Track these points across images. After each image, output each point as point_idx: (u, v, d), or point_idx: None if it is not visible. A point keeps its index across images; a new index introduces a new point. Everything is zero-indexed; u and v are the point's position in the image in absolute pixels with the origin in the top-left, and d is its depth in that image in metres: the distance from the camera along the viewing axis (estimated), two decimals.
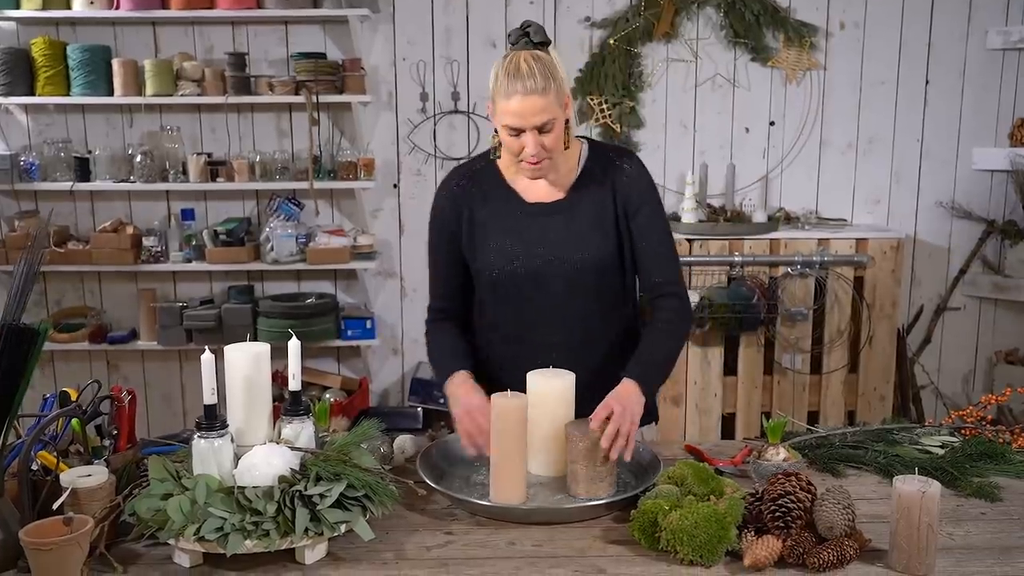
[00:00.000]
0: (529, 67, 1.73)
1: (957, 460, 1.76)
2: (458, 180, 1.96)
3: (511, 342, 1.93)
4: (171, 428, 3.78)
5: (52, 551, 1.30)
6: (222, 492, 1.41)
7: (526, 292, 1.89)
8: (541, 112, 1.74)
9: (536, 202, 1.91)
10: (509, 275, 1.89)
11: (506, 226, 1.90)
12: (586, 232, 1.88)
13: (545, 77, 1.73)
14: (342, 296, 4.23)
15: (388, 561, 1.42)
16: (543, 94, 1.73)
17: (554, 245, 1.88)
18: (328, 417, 1.77)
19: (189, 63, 3.86)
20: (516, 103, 1.73)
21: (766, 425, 1.70)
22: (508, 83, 1.74)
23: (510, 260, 1.88)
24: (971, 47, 4.02)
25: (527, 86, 1.72)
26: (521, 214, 1.90)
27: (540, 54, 1.77)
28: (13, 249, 3.88)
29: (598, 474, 1.61)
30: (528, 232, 1.89)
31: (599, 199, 1.90)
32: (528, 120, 1.74)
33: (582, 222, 1.89)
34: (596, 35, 4.02)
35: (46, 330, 1.46)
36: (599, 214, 1.89)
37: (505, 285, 1.90)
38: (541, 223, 1.89)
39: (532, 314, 1.90)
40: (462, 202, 1.93)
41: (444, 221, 1.95)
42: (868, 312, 3.78)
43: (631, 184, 1.90)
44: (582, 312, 1.90)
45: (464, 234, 1.93)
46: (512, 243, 1.89)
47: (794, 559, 1.38)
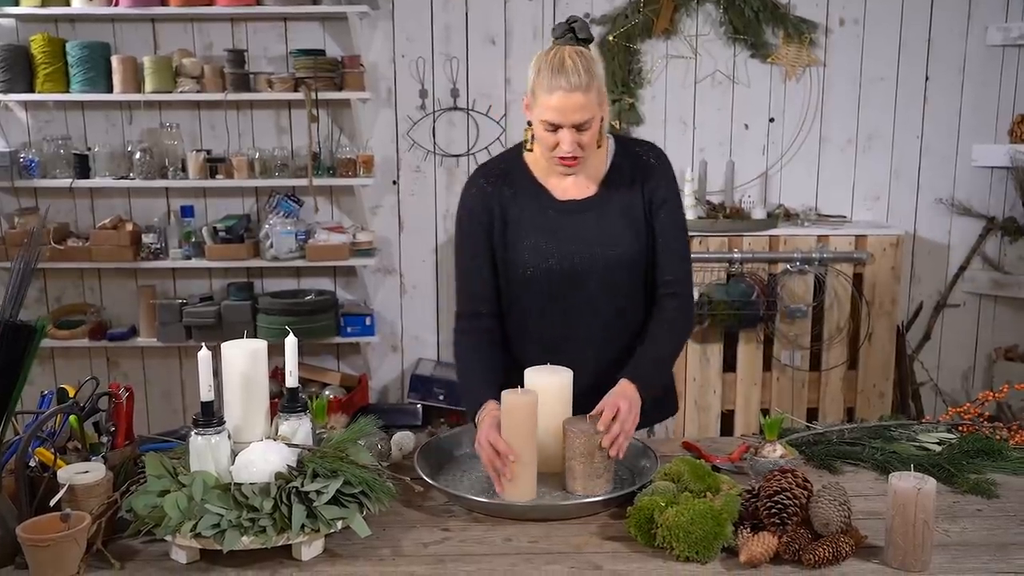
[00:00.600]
0: (573, 63, 1.71)
1: (954, 457, 1.76)
2: (486, 179, 1.93)
3: (544, 340, 1.90)
4: (171, 424, 3.79)
5: (49, 547, 1.31)
6: (219, 489, 1.41)
7: (560, 290, 1.88)
8: (581, 110, 1.72)
9: (568, 199, 1.89)
10: (544, 273, 1.87)
11: (539, 224, 1.88)
12: (618, 228, 1.87)
13: (588, 74, 1.72)
14: (341, 293, 4.23)
15: (385, 557, 1.42)
16: (585, 92, 1.71)
17: (587, 242, 1.86)
18: (326, 414, 1.77)
19: (188, 60, 3.86)
20: (558, 99, 1.71)
21: (763, 422, 1.70)
22: (551, 78, 1.71)
23: (545, 258, 1.86)
24: (971, 43, 4.02)
25: (571, 82, 1.70)
26: (553, 211, 1.88)
27: (584, 51, 1.75)
28: (13, 246, 3.88)
29: (595, 471, 1.61)
30: (562, 230, 1.87)
31: (628, 194, 1.89)
32: (568, 117, 1.73)
33: (613, 218, 1.88)
34: (595, 32, 4.01)
35: (43, 327, 1.46)
36: (629, 210, 1.88)
37: (539, 283, 1.88)
38: (574, 220, 1.88)
39: (566, 311, 1.89)
40: (493, 201, 1.90)
41: (476, 221, 1.91)
42: (867, 309, 3.78)
43: (657, 179, 1.90)
44: (614, 308, 1.89)
45: (496, 233, 1.90)
46: (546, 241, 1.87)
47: (790, 555, 1.38)
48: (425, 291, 4.26)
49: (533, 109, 1.78)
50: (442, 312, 4.27)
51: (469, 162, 4.13)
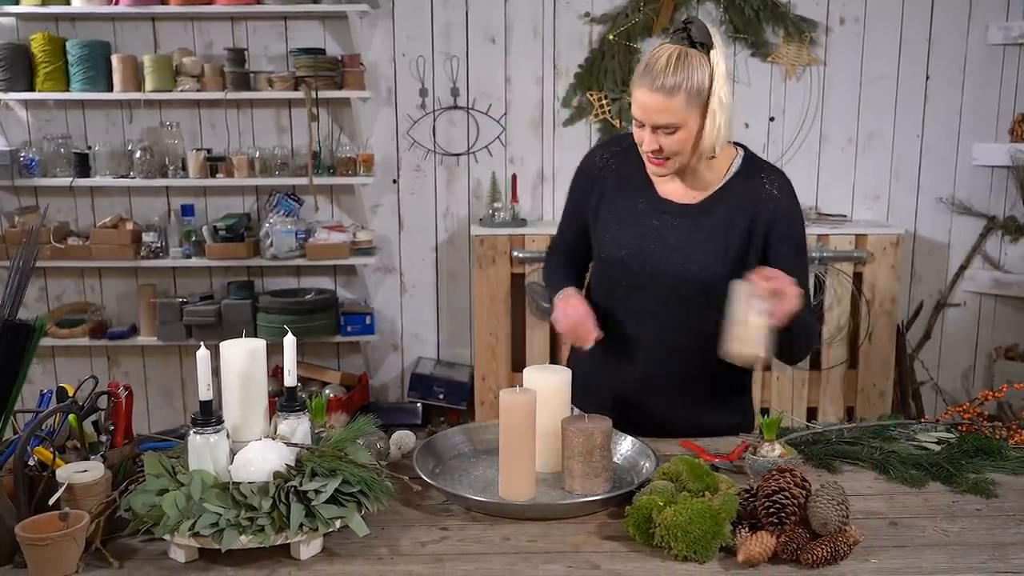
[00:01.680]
0: (668, 63, 1.67)
1: (953, 456, 1.76)
2: (605, 152, 1.94)
3: (603, 326, 1.85)
4: (171, 423, 3.80)
5: (48, 546, 1.31)
6: (217, 488, 1.41)
7: (624, 281, 1.87)
8: (662, 112, 1.68)
9: (667, 199, 1.85)
10: (614, 261, 1.87)
11: (628, 214, 1.86)
12: (708, 244, 1.81)
13: (681, 78, 1.66)
14: (341, 292, 4.23)
15: (383, 556, 1.42)
16: (669, 94, 1.66)
17: (665, 247, 1.82)
18: (325, 413, 1.77)
19: (188, 59, 3.86)
20: (642, 95, 1.70)
21: (762, 421, 1.70)
22: (642, 73, 1.70)
23: (620, 248, 1.86)
24: (971, 42, 4.02)
25: (655, 83, 1.67)
26: (647, 207, 1.85)
27: (690, 52, 1.68)
28: (13, 245, 3.89)
29: (593, 470, 1.61)
30: (648, 226, 1.84)
31: (734, 214, 1.81)
32: (649, 116, 1.70)
33: (709, 233, 1.81)
34: (596, 30, 4.01)
35: (42, 326, 1.46)
36: (727, 230, 1.81)
37: (609, 269, 1.89)
38: (663, 221, 1.84)
39: (626, 305, 1.88)
40: (599, 175, 1.92)
41: (577, 188, 1.97)
42: (868, 308, 3.78)
43: (777, 209, 1.82)
44: (675, 320, 1.84)
45: (592, 208, 1.92)
46: (628, 232, 1.85)
47: (788, 555, 1.38)
48: (425, 290, 4.26)
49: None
50: (442, 311, 4.27)
51: (469, 161, 4.13)
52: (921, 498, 1.63)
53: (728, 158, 1.85)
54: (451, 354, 4.31)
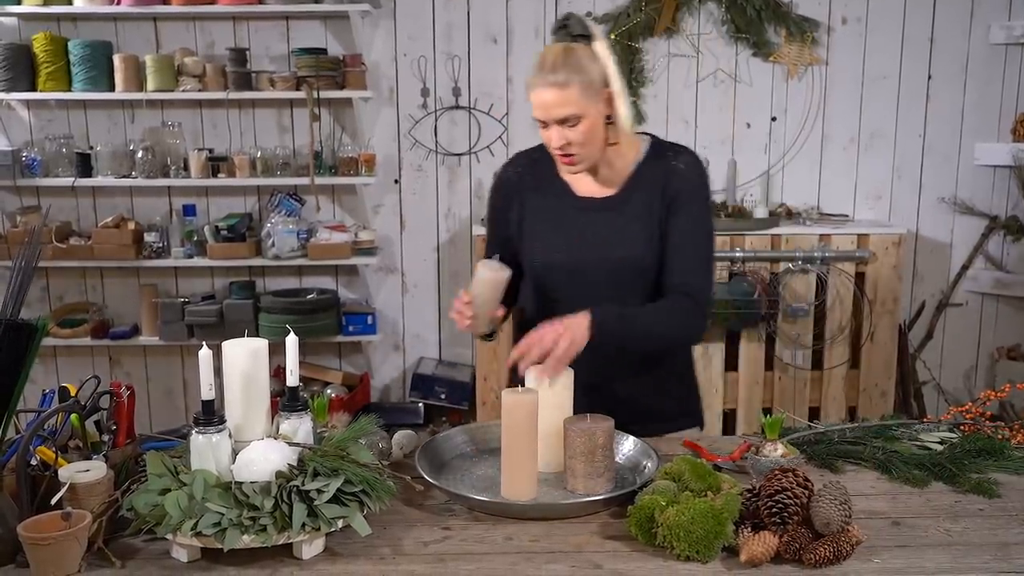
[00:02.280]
0: (555, 60, 1.72)
1: (956, 456, 1.75)
2: (515, 167, 1.97)
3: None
4: (173, 423, 3.79)
5: (50, 546, 1.31)
6: (220, 487, 1.41)
7: (564, 286, 1.89)
8: (561, 105, 1.72)
9: (587, 196, 1.89)
10: (549, 267, 1.89)
11: (553, 218, 1.89)
12: (633, 230, 1.86)
13: (570, 71, 1.71)
14: (343, 292, 4.23)
15: (385, 556, 1.42)
16: (562, 88, 1.71)
17: (597, 241, 1.86)
18: (327, 413, 1.77)
19: (190, 59, 3.86)
20: (537, 95, 1.74)
21: (764, 421, 1.70)
22: (534, 75, 1.74)
23: (551, 252, 1.88)
24: (974, 42, 4.01)
25: (547, 79, 1.72)
26: (570, 208, 1.89)
27: (575, 47, 1.74)
28: (15, 244, 3.89)
29: (596, 470, 1.61)
30: (573, 226, 1.88)
31: (650, 198, 1.86)
32: (549, 112, 1.74)
33: (630, 220, 1.86)
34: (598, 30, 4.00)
35: (44, 326, 1.46)
36: (648, 213, 1.86)
37: (545, 277, 1.91)
38: (588, 218, 1.87)
39: (570, 308, 1.84)
40: (515, 190, 1.94)
41: (496, 205, 1.99)
42: (870, 308, 3.77)
43: (681, 181, 1.86)
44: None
45: (513, 222, 1.95)
46: (556, 236, 1.88)
47: (790, 555, 1.38)
48: (427, 290, 4.26)
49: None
50: (443, 311, 4.27)
51: (471, 161, 4.13)
52: (924, 498, 1.63)
53: (636, 146, 1.90)
54: (453, 354, 4.31)
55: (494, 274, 1.80)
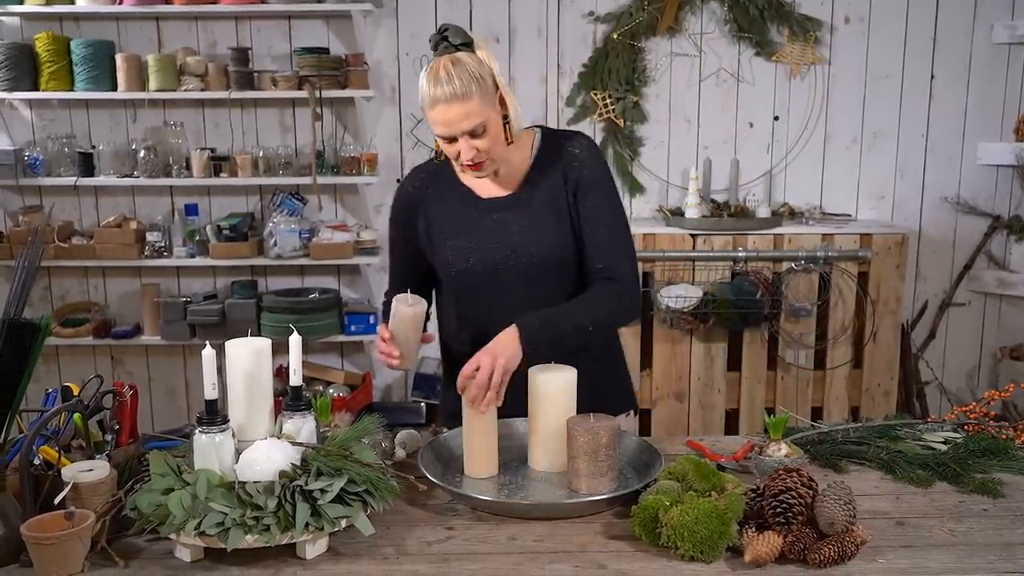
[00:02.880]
0: (447, 73, 1.69)
1: (960, 456, 1.75)
2: (413, 182, 1.96)
3: (476, 340, 1.84)
4: (175, 423, 3.78)
5: (53, 545, 1.31)
6: (223, 487, 1.41)
7: (485, 289, 1.88)
8: (466, 118, 1.71)
9: (490, 197, 1.89)
10: (466, 273, 1.88)
11: (461, 224, 1.89)
12: (542, 224, 1.86)
13: (465, 81, 1.69)
14: (345, 291, 4.23)
15: (389, 556, 1.42)
16: (464, 100, 1.69)
17: (510, 240, 1.86)
18: (330, 412, 1.77)
19: (192, 58, 3.86)
20: (440, 112, 1.71)
21: (768, 421, 1.70)
22: (430, 92, 1.71)
23: (466, 258, 1.87)
24: (976, 41, 4.01)
25: (447, 93, 1.69)
26: (476, 211, 1.88)
27: (460, 57, 1.71)
28: (17, 244, 3.90)
29: (599, 469, 1.61)
30: (483, 228, 1.87)
31: (552, 188, 1.86)
32: (455, 127, 1.72)
33: (538, 214, 1.86)
34: (600, 30, 4.01)
35: (47, 325, 1.46)
36: (554, 203, 1.86)
37: (464, 283, 1.90)
38: (496, 218, 1.87)
39: (494, 310, 1.86)
40: (417, 202, 1.93)
41: (399, 221, 1.96)
42: (872, 308, 3.77)
43: (581, 167, 1.86)
44: (544, 305, 1.83)
45: (422, 234, 1.93)
46: (467, 241, 1.87)
47: (795, 555, 1.38)
48: None
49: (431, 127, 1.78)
50: None
51: None
52: (928, 498, 1.63)
53: (529, 139, 1.91)
54: None
55: (412, 308, 1.78)
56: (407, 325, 1.79)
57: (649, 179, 4.12)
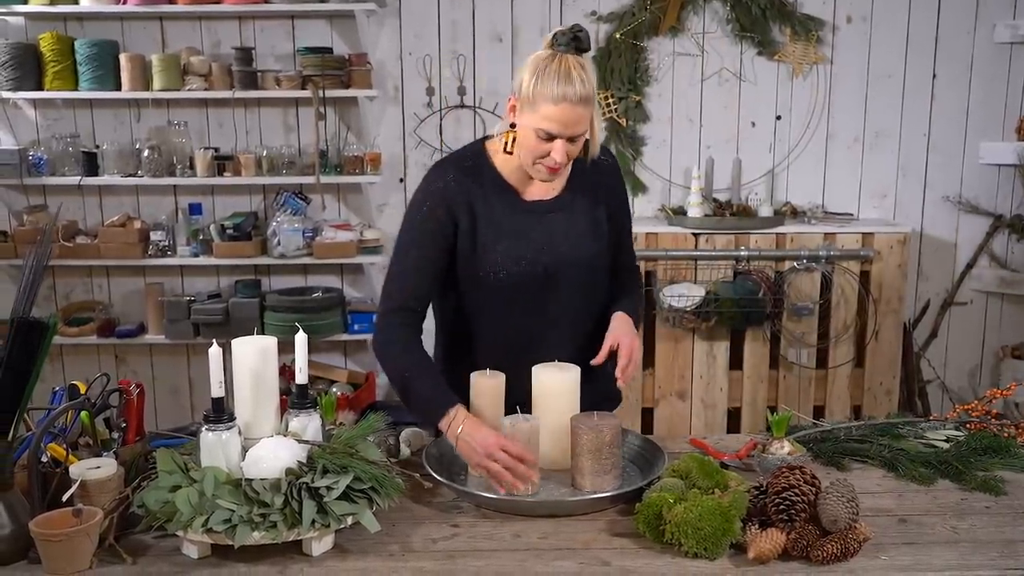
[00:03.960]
0: (580, 75, 1.67)
1: (962, 454, 1.76)
2: (452, 176, 1.84)
3: (511, 341, 1.87)
4: (178, 421, 3.81)
5: (62, 542, 1.32)
6: (230, 484, 1.42)
7: (533, 292, 1.86)
8: (580, 122, 1.70)
9: (534, 200, 1.87)
10: (515, 276, 1.83)
11: (509, 226, 1.84)
12: (582, 228, 1.90)
13: (592, 87, 1.70)
14: (348, 290, 4.24)
15: (394, 553, 1.43)
16: (587, 104, 1.69)
17: (555, 243, 1.86)
18: (334, 411, 1.78)
19: (196, 58, 3.87)
20: (562, 111, 1.67)
21: (771, 419, 1.71)
22: (558, 87, 1.66)
23: (516, 261, 1.82)
24: (978, 40, 4.01)
25: (578, 95, 1.67)
26: (522, 213, 1.85)
27: (585, 62, 1.71)
28: (22, 243, 3.91)
29: (603, 467, 1.62)
30: (533, 231, 1.85)
31: (590, 195, 1.92)
32: (569, 128, 1.69)
33: (579, 218, 1.90)
34: (602, 29, 4.01)
35: (55, 324, 1.47)
36: (592, 210, 1.92)
37: (510, 286, 1.83)
38: (543, 221, 1.86)
39: (535, 313, 1.87)
40: (460, 198, 1.82)
41: (435, 218, 1.82)
42: (874, 307, 3.77)
43: (611, 175, 1.97)
44: (577, 307, 1.90)
45: (464, 234, 1.83)
46: (518, 243, 1.83)
47: (798, 552, 1.39)
48: None
49: (526, 114, 1.72)
50: None
51: None
52: (930, 496, 1.64)
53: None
54: None
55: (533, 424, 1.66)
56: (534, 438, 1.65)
57: (651, 178, 4.12)
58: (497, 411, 1.71)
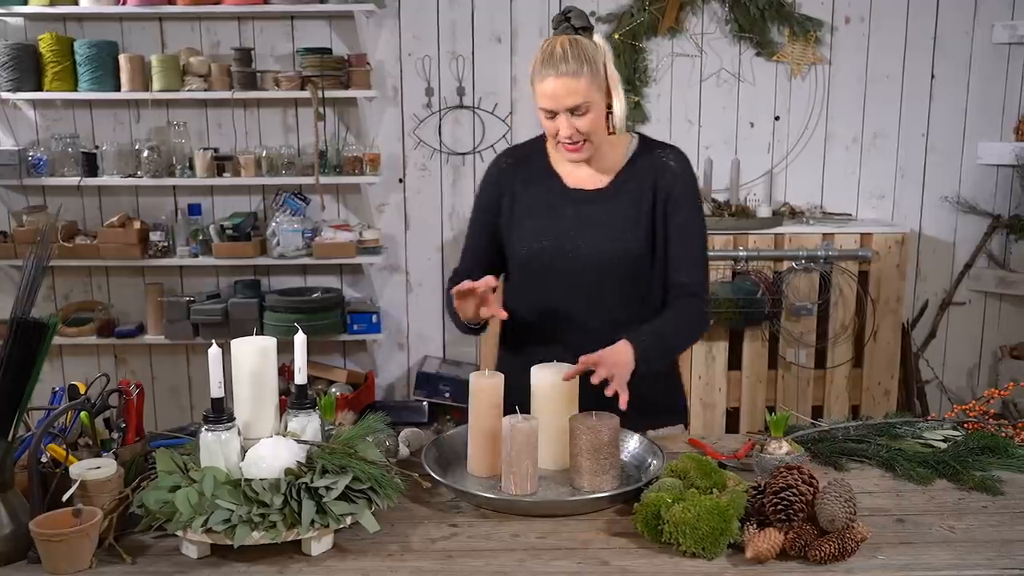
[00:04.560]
0: (563, 50, 1.76)
1: (959, 454, 1.76)
2: (505, 159, 2.02)
3: (538, 323, 1.95)
4: (178, 422, 3.80)
5: (62, 542, 1.32)
6: (229, 484, 1.42)
7: (553, 273, 1.92)
8: (572, 94, 1.76)
9: (577, 187, 1.93)
10: (537, 254, 1.91)
11: (542, 207, 1.93)
12: (620, 222, 1.90)
13: (579, 61, 1.76)
14: (348, 291, 4.24)
15: (393, 553, 1.43)
16: (574, 76, 1.76)
17: (585, 230, 1.90)
18: (334, 411, 1.78)
19: (195, 58, 3.88)
20: (548, 85, 1.77)
21: (769, 419, 1.71)
22: (542, 66, 1.78)
23: (539, 239, 1.91)
24: (977, 41, 4.02)
25: (559, 69, 1.76)
26: (559, 197, 1.93)
27: (579, 39, 1.79)
28: (22, 244, 3.91)
29: (601, 467, 1.62)
30: (562, 215, 1.92)
31: (639, 191, 1.91)
32: (560, 102, 1.77)
33: (618, 212, 1.90)
34: (601, 30, 4.01)
35: (55, 324, 1.47)
36: (637, 206, 1.91)
37: (533, 264, 1.93)
38: (577, 208, 1.92)
39: (558, 295, 1.92)
40: (505, 180, 1.98)
41: (485, 197, 2.01)
42: (873, 307, 3.78)
43: (674, 180, 1.91)
44: (607, 299, 1.91)
45: (504, 212, 1.97)
46: (545, 224, 1.92)
47: (796, 551, 1.39)
48: (431, 289, 4.27)
49: (535, 99, 1.83)
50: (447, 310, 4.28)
51: (475, 160, 4.14)
52: (928, 495, 1.64)
53: (626, 142, 1.96)
54: (457, 352, 4.32)
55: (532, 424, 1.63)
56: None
57: None
58: (496, 411, 1.70)
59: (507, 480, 1.61)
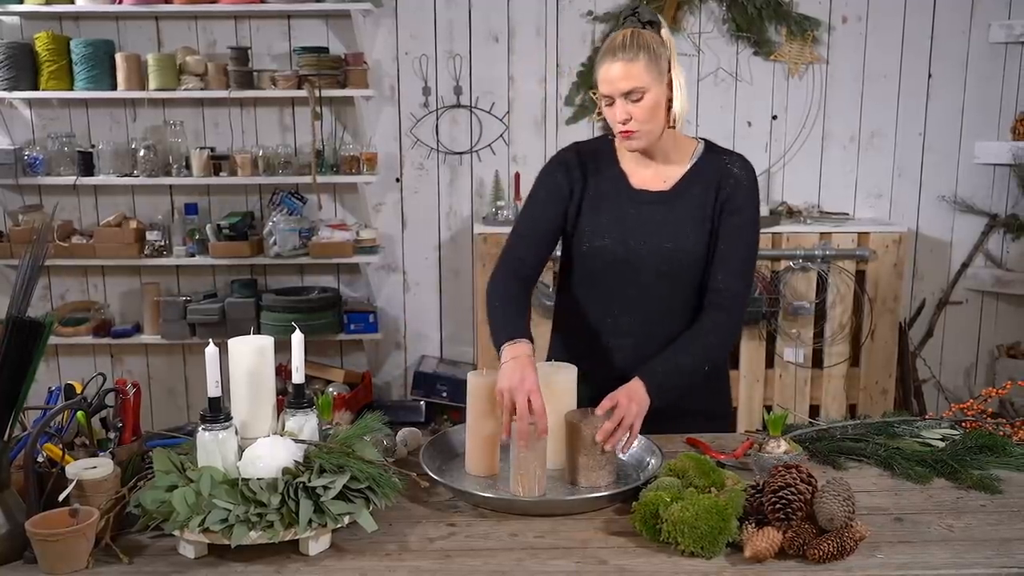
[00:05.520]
0: (624, 39, 1.80)
1: (957, 453, 1.76)
2: (577, 150, 2.02)
3: (590, 320, 1.98)
4: (174, 421, 3.81)
5: (58, 542, 1.32)
6: (226, 484, 1.42)
7: (612, 270, 1.93)
8: (626, 78, 1.79)
9: (641, 188, 1.94)
10: (598, 251, 1.93)
11: (607, 203, 1.95)
12: (682, 226, 1.90)
13: (637, 48, 1.79)
14: (345, 290, 4.24)
15: (391, 552, 1.43)
16: (630, 62, 1.79)
17: (647, 232, 1.91)
18: (331, 410, 1.78)
19: (192, 57, 3.87)
20: (604, 70, 1.81)
21: (767, 418, 1.71)
22: (603, 54, 1.83)
23: (601, 236, 1.93)
24: (973, 41, 4.02)
25: (616, 54, 1.80)
26: (625, 196, 1.94)
27: (641, 31, 1.82)
28: (18, 243, 3.90)
29: (597, 462, 1.62)
30: (625, 213, 1.93)
31: (702, 196, 1.91)
32: (615, 86, 1.80)
33: (680, 215, 1.91)
34: (598, 29, 4.02)
35: (51, 324, 1.47)
36: (699, 210, 1.91)
37: (593, 260, 1.95)
38: (640, 208, 1.93)
39: (614, 295, 1.94)
40: (577, 167, 1.98)
41: (553, 183, 1.98)
42: (870, 306, 3.78)
43: (736, 186, 1.91)
44: (662, 303, 1.93)
45: (572, 202, 1.97)
46: (607, 220, 1.93)
47: (794, 550, 1.39)
48: (428, 288, 4.27)
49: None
50: (445, 309, 4.28)
51: (472, 160, 4.14)
52: (926, 494, 1.64)
53: (692, 146, 1.97)
54: (454, 352, 4.32)
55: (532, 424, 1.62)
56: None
57: None
58: (495, 411, 1.70)
59: (515, 483, 1.60)
